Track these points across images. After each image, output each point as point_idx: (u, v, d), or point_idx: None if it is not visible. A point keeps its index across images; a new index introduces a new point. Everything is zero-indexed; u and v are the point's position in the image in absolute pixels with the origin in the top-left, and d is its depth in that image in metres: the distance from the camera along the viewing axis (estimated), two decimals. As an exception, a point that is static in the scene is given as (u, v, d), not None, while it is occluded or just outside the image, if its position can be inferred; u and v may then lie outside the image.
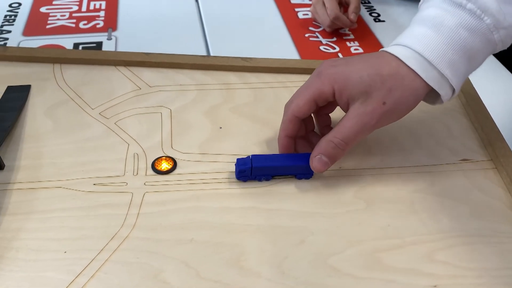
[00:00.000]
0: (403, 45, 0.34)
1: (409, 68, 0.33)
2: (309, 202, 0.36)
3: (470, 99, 0.45)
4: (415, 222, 0.35)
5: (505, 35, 0.33)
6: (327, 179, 0.38)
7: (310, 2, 0.66)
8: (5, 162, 0.37)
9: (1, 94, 0.44)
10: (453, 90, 0.35)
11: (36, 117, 0.42)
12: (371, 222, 0.35)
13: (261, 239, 0.33)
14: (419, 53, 0.33)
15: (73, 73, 0.47)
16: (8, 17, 0.62)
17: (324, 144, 0.35)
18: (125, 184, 0.36)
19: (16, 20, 0.62)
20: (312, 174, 0.37)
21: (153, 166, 0.38)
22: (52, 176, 0.37)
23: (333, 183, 0.38)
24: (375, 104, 0.33)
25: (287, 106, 0.36)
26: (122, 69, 0.48)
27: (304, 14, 0.66)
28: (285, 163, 0.36)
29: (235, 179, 0.37)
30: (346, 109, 0.35)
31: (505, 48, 0.35)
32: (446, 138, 0.42)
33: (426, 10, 0.35)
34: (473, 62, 0.34)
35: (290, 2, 0.69)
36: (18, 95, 0.43)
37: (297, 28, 0.63)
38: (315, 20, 0.64)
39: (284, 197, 0.36)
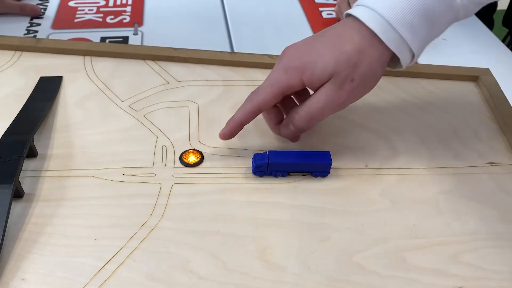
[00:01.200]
0: (366, 6, 0.34)
1: (370, 35, 0.33)
2: (334, 200, 0.36)
3: (498, 103, 0.45)
4: (441, 223, 0.35)
5: (468, 0, 0.33)
6: (353, 177, 0.38)
7: (334, 2, 0.66)
8: (38, 150, 0.38)
9: (35, 84, 0.45)
10: (413, 55, 0.35)
11: (67, 107, 0.43)
12: (396, 221, 0.35)
13: (287, 234, 0.34)
14: (380, 15, 0.33)
15: (103, 66, 0.48)
16: (38, 10, 0.64)
17: (293, 115, 0.36)
18: (154, 175, 0.37)
19: (46, 14, 0.63)
20: (328, 173, 0.38)
21: (181, 159, 0.38)
22: (83, 165, 0.38)
23: (359, 181, 0.38)
24: (342, 82, 0.34)
25: (251, 98, 0.36)
26: (151, 63, 0.49)
27: (328, 14, 0.66)
28: (301, 160, 0.37)
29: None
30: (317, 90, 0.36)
31: (468, 16, 0.35)
32: (473, 141, 0.42)
33: None
34: (434, 27, 0.34)
35: (314, 1, 0.69)
36: (51, 86, 0.45)
37: (321, 27, 0.63)
38: (339, 20, 0.64)
39: (309, 193, 0.37)
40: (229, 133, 0.37)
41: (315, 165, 0.37)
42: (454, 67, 0.50)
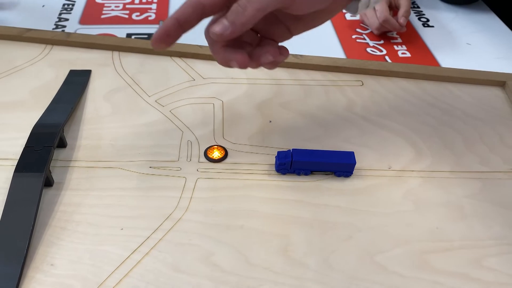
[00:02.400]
0: None
1: None
2: (357, 200, 0.36)
3: (524, 109, 0.44)
4: (464, 227, 0.35)
5: None
6: (376, 178, 0.38)
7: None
8: (67, 141, 0.39)
9: (65, 76, 0.46)
10: None
11: (96, 100, 0.44)
12: (419, 223, 0.35)
13: (309, 232, 0.34)
14: None
15: (131, 61, 0.49)
16: (66, 6, 0.65)
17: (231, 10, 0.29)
18: (179, 169, 0.38)
19: (74, 9, 0.65)
20: (352, 173, 0.38)
21: (205, 154, 0.39)
22: (110, 157, 0.38)
23: (382, 183, 0.38)
24: None
25: None
26: (177, 60, 0.49)
27: (351, 16, 0.66)
28: (325, 159, 0.37)
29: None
30: None
31: None
32: (499, 146, 0.41)
33: None
34: None
35: (337, 3, 0.69)
36: (80, 79, 0.46)
37: (344, 29, 0.63)
38: (363, 22, 0.64)
39: (332, 193, 0.37)
40: (163, 33, 0.30)
41: (339, 165, 0.37)
42: (481, 72, 0.49)
